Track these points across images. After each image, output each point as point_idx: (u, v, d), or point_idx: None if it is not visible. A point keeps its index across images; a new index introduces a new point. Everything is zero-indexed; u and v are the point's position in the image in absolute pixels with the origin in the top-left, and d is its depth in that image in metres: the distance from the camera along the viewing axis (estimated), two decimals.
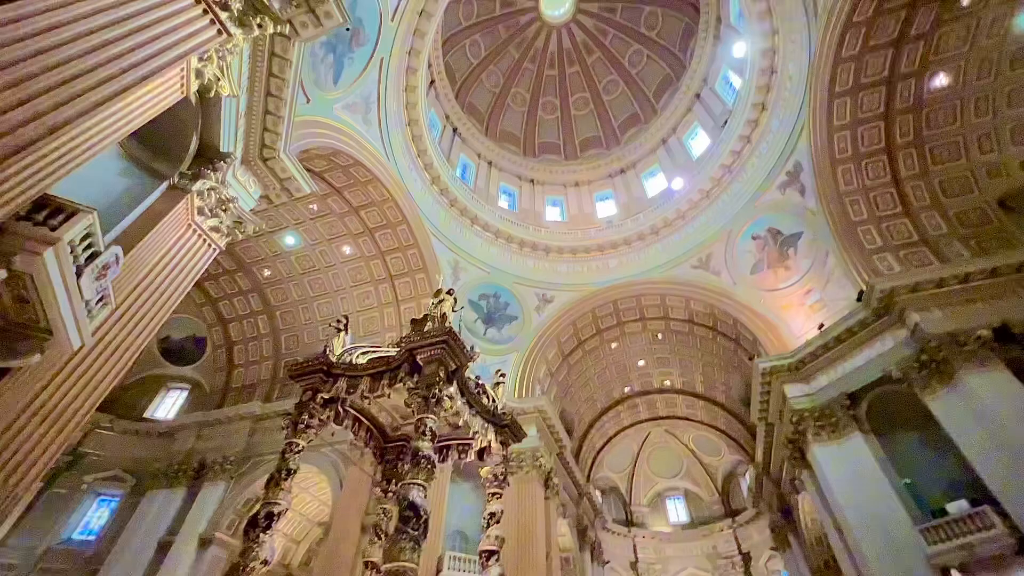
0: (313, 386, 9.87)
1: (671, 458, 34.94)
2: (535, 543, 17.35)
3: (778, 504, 23.32)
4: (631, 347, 26.85)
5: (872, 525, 13.84)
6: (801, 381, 17.48)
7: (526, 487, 18.73)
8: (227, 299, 23.63)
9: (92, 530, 20.17)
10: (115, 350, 8.24)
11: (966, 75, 15.35)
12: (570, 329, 24.98)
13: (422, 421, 8.29)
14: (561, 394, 26.04)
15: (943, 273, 14.79)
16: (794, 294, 19.39)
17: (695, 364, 26.88)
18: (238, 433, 21.24)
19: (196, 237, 10.38)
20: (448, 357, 9.07)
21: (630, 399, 30.38)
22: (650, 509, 34.96)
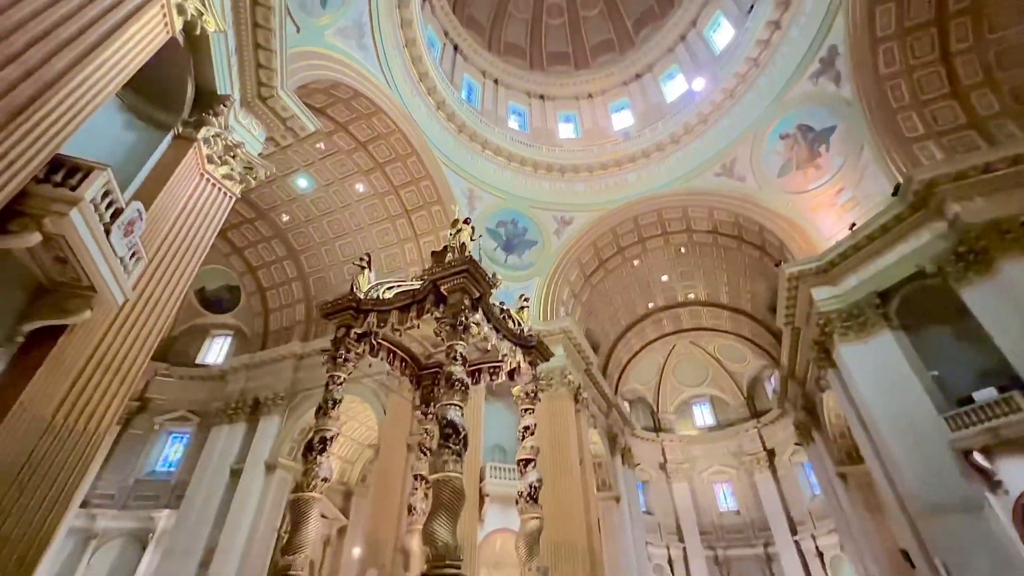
0: (345, 323, 10.29)
1: (696, 367, 35.91)
2: (568, 451, 18.62)
3: (803, 403, 24.06)
4: (653, 263, 26.66)
5: (896, 416, 14.23)
6: (828, 284, 17.22)
7: (557, 402, 19.74)
8: (252, 247, 24.16)
9: (171, 463, 22.62)
10: (156, 302, 8.68)
11: None
12: (591, 250, 24.81)
13: (452, 348, 8.65)
14: (585, 314, 26.48)
15: (991, 157, 13.75)
16: (824, 194, 18.52)
17: (719, 275, 26.65)
18: (283, 371, 22.74)
19: (210, 187, 10.40)
20: (471, 285, 9.23)
21: (654, 314, 30.72)
22: (676, 416, 36.65)
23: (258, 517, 19.43)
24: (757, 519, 31.12)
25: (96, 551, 19.59)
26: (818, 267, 17.39)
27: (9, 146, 4.82)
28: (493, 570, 18.91)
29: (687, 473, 34.05)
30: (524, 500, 10.66)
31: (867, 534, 19.99)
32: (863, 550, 20.62)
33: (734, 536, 31.44)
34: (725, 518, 32.56)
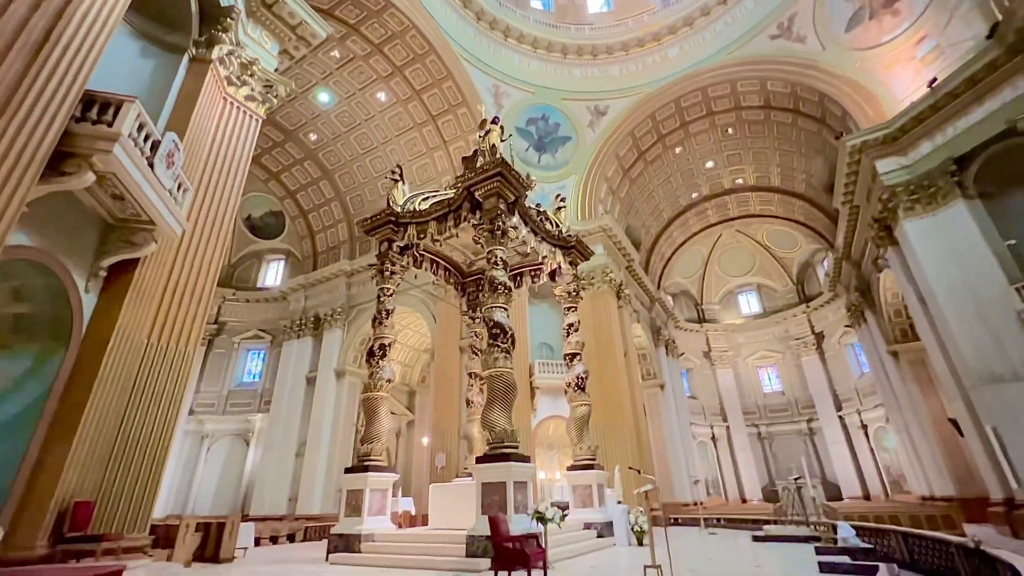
0: (386, 237, 10.56)
1: (743, 256, 34.92)
2: (612, 345, 19.31)
3: (856, 284, 23.23)
4: (697, 149, 24.88)
5: (960, 289, 13.56)
6: (896, 154, 15.60)
7: (599, 299, 20.08)
8: (287, 171, 24.39)
9: (254, 375, 25.47)
10: (210, 231, 9.16)
11: None
12: (628, 141, 23.32)
13: (492, 253, 8.78)
14: (625, 210, 25.71)
15: None
16: (901, 47, 16.05)
17: (770, 156, 24.65)
18: (337, 289, 24.15)
19: (235, 110, 10.29)
20: (505, 189, 9.06)
21: (698, 204, 29.38)
22: (721, 306, 36.57)
23: (336, 416, 22.05)
24: (801, 398, 32.03)
25: (210, 448, 23.25)
26: (886, 135, 15.65)
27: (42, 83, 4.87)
28: (547, 450, 20.93)
29: (731, 360, 34.82)
30: (572, 389, 11.45)
31: (915, 407, 20.25)
32: (909, 421, 21.06)
33: (777, 414, 32.76)
34: (769, 399, 33.72)
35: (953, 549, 7.28)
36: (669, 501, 20.90)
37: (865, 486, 27.79)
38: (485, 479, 7.45)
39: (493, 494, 7.28)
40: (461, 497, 8.46)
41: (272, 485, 21.20)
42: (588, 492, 10.62)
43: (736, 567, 7.24)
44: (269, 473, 21.55)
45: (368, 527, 8.43)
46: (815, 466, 29.69)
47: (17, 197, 4.81)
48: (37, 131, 4.98)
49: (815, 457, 30.31)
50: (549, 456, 21.10)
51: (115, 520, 6.88)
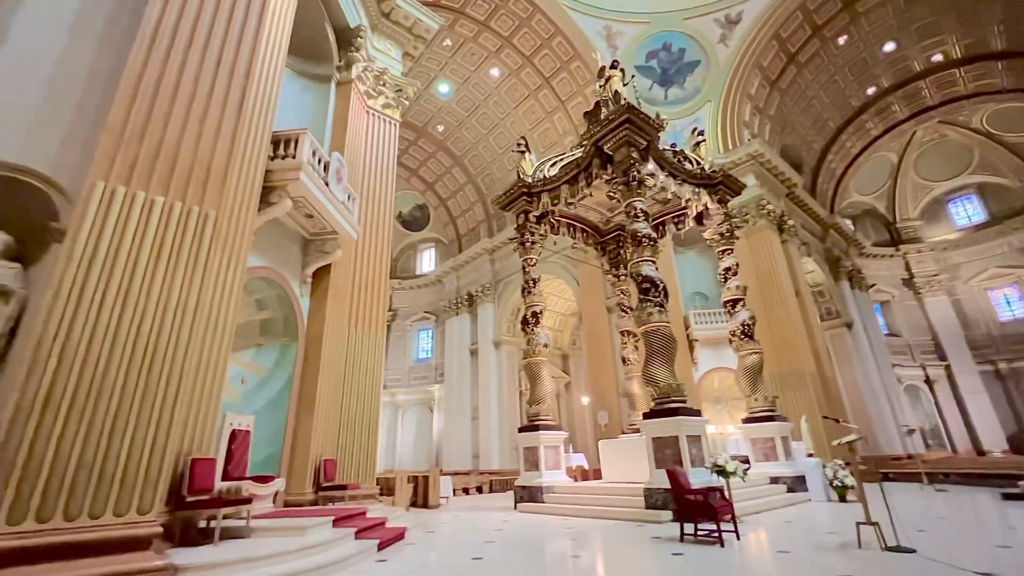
0: (522, 209, 10.86)
1: (952, 153, 27.52)
2: (779, 284, 17.14)
3: None
4: (870, 30, 20.01)
5: None
6: None
7: (758, 235, 17.90)
8: (423, 165, 26.55)
9: (427, 351, 28.98)
10: (376, 230, 10.52)
11: None
12: (773, 46, 19.81)
13: (631, 205, 8.43)
14: (778, 129, 22.17)
15: None
16: None
17: (985, 8, 18.62)
18: (483, 266, 25.85)
19: (377, 119, 11.47)
20: (634, 135, 8.55)
21: (878, 101, 23.79)
22: (924, 221, 29.59)
23: (500, 382, 23.97)
24: None
25: (403, 416, 27.40)
26: None
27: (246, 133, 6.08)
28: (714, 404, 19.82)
29: (946, 285, 28.16)
30: (739, 338, 10.58)
31: None
32: None
33: (1022, 346, 25.73)
34: (1008, 327, 26.58)
35: None
36: (872, 454, 18.23)
37: None
38: (655, 434, 7.41)
39: (665, 448, 7.22)
40: (631, 452, 8.57)
41: (456, 445, 24.16)
42: (770, 445, 9.83)
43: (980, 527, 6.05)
44: (452, 435, 24.56)
45: (547, 480, 9.11)
46: None
47: (248, 227, 6.15)
48: (251, 173, 6.26)
49: None
50: (717, 410, 19.96)
51: (351, 474, 8.61)
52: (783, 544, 5.50)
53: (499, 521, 7.96)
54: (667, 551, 5.10)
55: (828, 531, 5.98)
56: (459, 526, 7.94)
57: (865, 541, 4.79)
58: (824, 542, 5.37)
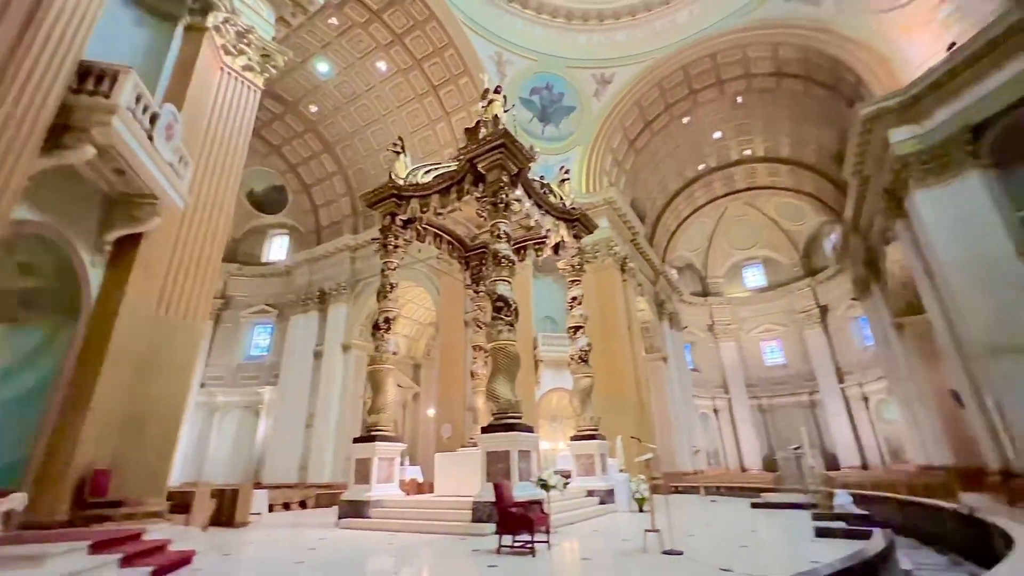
0: (389, 211, 10.51)
1: (749, 230, 34.57)
2: (616, 318, 19.38)
3: (864, 257, 22.99)
4: (705, 118, 24.30)
5: (969, 261, 13.42)
6: (910, 122, 15.16)
7: (603, 273, 20.04)
8: (287, 144, 24.11)
9: (263, 348, 25.86)
10: (212, 205, 9.14)
11: None
12: (635, 111, 22.78)
13: (496, 226, 8.74)
14: (631, 182, 25.36)
15: None
16: (920, 8, 15.40)
17: (780, 125, 24.06)
18: (341, 263, 24.22)
19: (233, 81, 10.11)
20: (508, 160, 8.95)
21: (705, 176, 28.90)
22: (726, 279, 36.44)
23: (344, 388, 22.47)
24: (803, 371, 32.22)
25: (222, 420, 23.85)
26: (901, 102, 15.20)
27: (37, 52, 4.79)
28: (551, 422, 21.32)
29: (735, 333, 34.92)
30: (576, 362, 11.59)
31: (917, 378, 20.33)
32: (911, 393, 21.19)
33: (779, 387, 33.03)
34: (771, 371, 33.94)
35: (946, 516, 7.45)
36: (670, 470, 21.35)
37: (863, 456, 28.23)
38: (490, 448, 7.64)
39: (498, 462, 7.47)
40: (466, 465, 8.69)
41: (283, 454, 21.81)
42: (591, 461, 10.88)
43: (733, 530, 7.46)
44: (280, 443, 22.14)
45: (376, 493, 8.71)
46: (815, 437, 30.12)
47: (19, 171, 4.80)
48: (35, 102, 4.92)
49: (815, 428, 30.72)
50: (553, 427, 21.50)
51: (133, 487, 7.12)
52: (587, 551, 6.08)
53: (315, 539, 7.33)
54: (483, 563, 5.25)
55: (624, 538, 6.77)
56: (265, 547, 7.11)
57: (649, 546, 5.53)
58: (620, 548, 6.06)
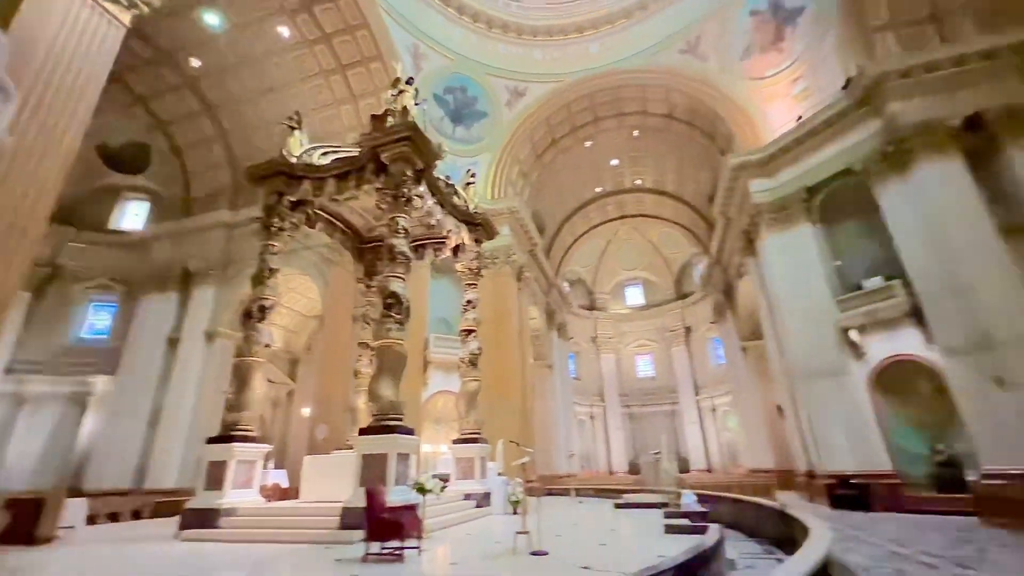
0: (277, 189, 9.61)
1: (634, 252, 37.85)
2: (508, 324, 19.86)
3: (723, 287, 26.53)
4: (606, 145, 26.16)
5: (798, 298, 16.15)
6: (766, 176, 17.89)
7: (500, 280, 20.43)
8: (159, 97, 20.88)
9: (100, 330, 21.84)
10: (43, 150, 7.51)
11: None
12: (544, 127, 23.73)
13: (394, 220, 8.43)
14: (534, 194, 26.29)
15: (937, 55, 13.89)
16: (781, 83, 18.29)
17: (668, 163, 26.81)
18: (214, 241, 21.47)
19: (88, 10, 8.48)
20: (413, 154, 8.71)
21: (601, 199, 31.06)
22: (611, 296, 39.42)
23: (203, 382, 19.81)
24: (668, 384, 36.01)
25: (32, 414, 19.54)
26: (759, 159, 17.87)
27: None
28: (436, 424, 21.07)
29: (614, 346, 37.87)
30: (465, 365, 11.59)
31: (753, 394, 23.90)
32: (748, 406, 24.83)
33: (648, 397, 36.48)
34: (642, 383, 37.37)
35: (765, 512, 8.79)
36: (547, 473, 22.31)
37: (709, 461, 32.31)
38: (367, 451, 7.28)
39: (374, 466, 7.15)
40: (339, 469, 8.18)
41: (116, 456, 18.57)
42: (471, 464, 10.92)
43: (596, 530, 8.00)
44: (113, 443, 18.82)
45: (230, 500, 7.80)
46: (672, 443, 33.72)
47: None
48: None
49: (673, 435, 34.41)
50: (437, 430, 21.26)
51: None
52: (457, 555, 6.07)
53: (144, 556, 6.32)
54: (345, 572, 4.96)
55: (496, 541, 6.88)
56: (71, 568, 5.95)
57: (519, 548, 5.68)
58: (490, 551, 6.14)
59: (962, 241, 12.54)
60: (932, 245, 13.11)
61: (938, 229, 12.99)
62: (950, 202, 12.97)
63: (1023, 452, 10.83)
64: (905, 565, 6.66)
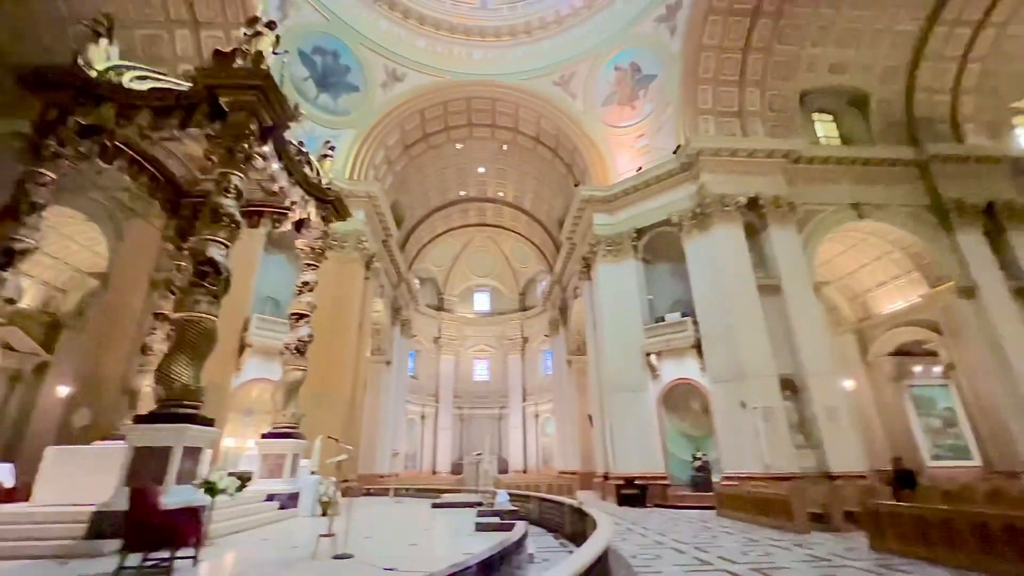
0: (60, 102, 7.50)
1: (487, 260, 39.18)
2: (349, 313, 18.67)
3: (560, 304, 29.11)
4: (476, 152, 26.68)
5: (617, 322, 18.57)
6: (608, 213, 20.28)
7: (346, 266, 19.14)
8: None
9: None
10: None
11: None
12: (417, 118, 23.17)
13: (225, 176, 7.27)
14: (397, 184, 25.38)
15: (739, 145, 17.54)
16: (630, 135, 20.98)
17: (529, 182, 28.49)
18: None
19: None
20: (262, 108, 7.67)
21: (464, 203, 31.47)
22: (459, 299, 40.05)
23: None
24: (500, 389, 37.90)
25: None
26: (605, 196, 20.20)
27: None
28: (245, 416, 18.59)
29: (456, 348, 38.47)
30: (291, 352, 10.52)
31: (572, 404, 26.61)
32: (565, 414, 27.54)
33: (480, 400, 37.83)
34: (476, 386, 38.63)
35: (566, 509, 9.78)
36: (368, 473, 21.42)
37: (527, 463, 34.83)
38: (144, 442, 6.03)
39: (150, 460, 5.95)
40: (97, 464, 6.61)
41: None
42: (280, 462, 9.88)
43: (409, 530, 7.91)
44: None
45: None
46: (496, 445, 35.49)
47: None
48: None
49: (498, 438, 36.25)
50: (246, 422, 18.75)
51: None
52: (244, 564, 5.39)
53: None
54: None
55: (295, 545, 6.30)
56: None
57: (321, 552, 5.28)
58: (286, 557, 5.59)
59: (734, 293, 15.92)
60: (714, 293, 16.37)
61: (720, 281, 16.29)
62: (730, 261, 16.38)
63: (750, 460, 14.11)
64: (662, 551, 8.05)
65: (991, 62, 18.31)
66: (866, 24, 17.81)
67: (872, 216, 17.64)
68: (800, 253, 16.74)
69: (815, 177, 17.97)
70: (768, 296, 16.03)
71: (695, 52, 18.07)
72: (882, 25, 17.88)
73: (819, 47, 18.21)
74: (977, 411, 16.60)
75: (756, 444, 14.11)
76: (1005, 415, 15.25)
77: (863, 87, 19.14)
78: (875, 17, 17.68)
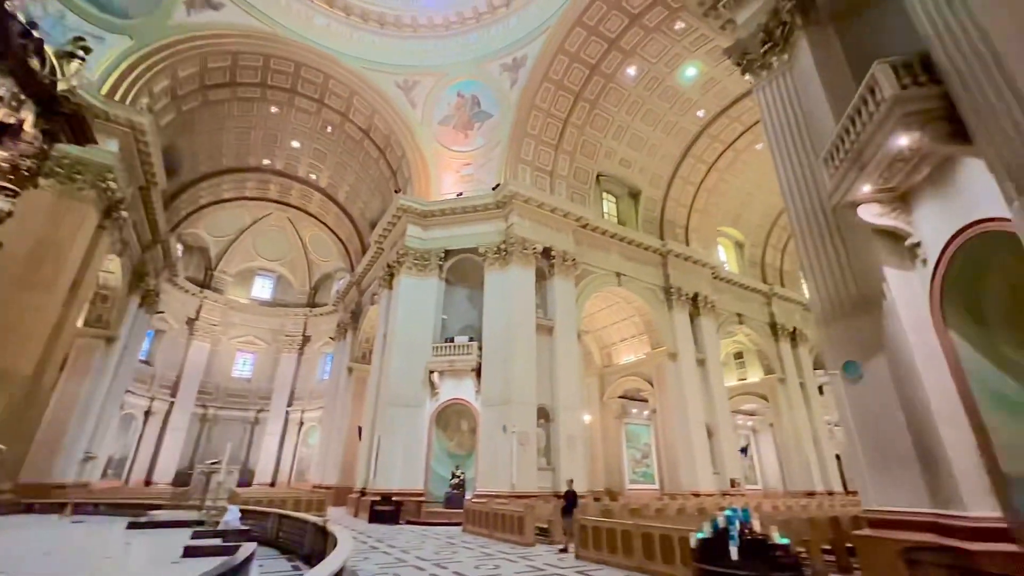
0: None
1: (281, 243, 34.86)
2: (61, 266, 13.98)
3: (353, 308, 27.55)
4: (295, 123, 23.88)
5: (408, 336, 18.49)
6: (422, 227, 20.40)
7: (69, 203, 14.44)
8: None
9: None
10: None
11: (641, 75, 20.21)
12: (227, 59, 19.61)
13: None
14: (179, 125, 20.72)
15: (543, 199, 19.92)
16: (457, 160, 21.79)
17: (348, 174, 26.77)
18: None
19: None
20: None
21: (266, 173, 27.55)
22: (235, 280, 34.36)
23: None
24: (264, 389, 33.37)
25: None
26: (422, 211, 20.31)
27: None
28: None
29: (216, 335, 32.57)
30: None
31: (344, 414, 25.05)
32: (335, 424, 25.72)
33: (234, 399, 32.50)
34: (234, 383, 33.18)
35: (309, 527, 8.95)
36: (39, 481, 15.98)
37: (277, 474, 31.05)
38: None
39: None
40: None
41: None
42: None
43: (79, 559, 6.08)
44: None
45: None
46: (243, 453, 30.78)
47: None
48: None
49: (247, 445, 31.55)
50: None
51: None
52: None
53: None
54: None
55: None
56: None
57: None
58: None
59: (517, 327, 17.65)
60: (501, 324, 17.86)
61: (508, 314, 17.89)
62: (520, 299, 18.20)
63: (502, 479, 15.45)
64: (403, 569, 8.03)
65: (712, 194, 25.39)
66: (648, 137, 22.73)
67: (627, 285, 22.03)
68: (573, 303, 19.69)
69: (595, 243, 21.61)
70: (543, 335, 18.27)
71: (528, 108, 20.10)
72: (658, 143, 23.09)
73: (616, 141, 22.38)
74: (663, 446, 21.81)
75: (509, 465, 15.57)
76: (677, 450, 20.47)
77: (639, 184, 24.17)
78: (656, 136, 22.75)
